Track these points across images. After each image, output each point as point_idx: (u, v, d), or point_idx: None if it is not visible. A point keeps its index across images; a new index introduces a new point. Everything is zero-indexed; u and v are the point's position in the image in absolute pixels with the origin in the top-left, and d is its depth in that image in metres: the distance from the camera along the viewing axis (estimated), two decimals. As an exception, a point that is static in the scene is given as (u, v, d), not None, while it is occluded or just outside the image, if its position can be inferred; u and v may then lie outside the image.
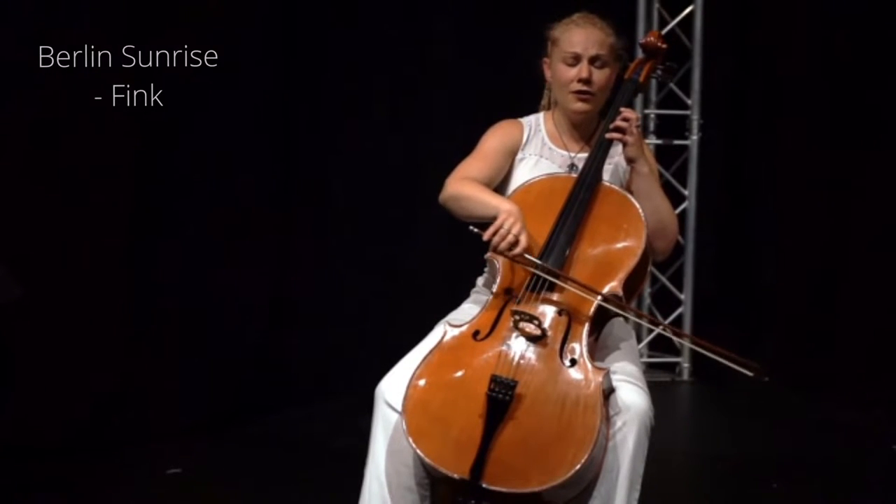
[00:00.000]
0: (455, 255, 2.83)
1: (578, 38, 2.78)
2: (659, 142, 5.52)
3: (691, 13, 5.40)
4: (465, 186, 2.75)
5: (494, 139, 2.88)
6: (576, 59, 2.78)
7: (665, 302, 5.55)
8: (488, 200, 2.68)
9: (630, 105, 2.79)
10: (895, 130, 5.21)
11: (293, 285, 4.91)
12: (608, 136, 2.73)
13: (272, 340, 4.78)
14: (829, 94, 5.40)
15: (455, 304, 2.88)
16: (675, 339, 4.21)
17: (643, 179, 2.72)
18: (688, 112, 5.46)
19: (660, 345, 5.53)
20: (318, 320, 4.94)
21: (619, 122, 2.71)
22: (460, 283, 2.97)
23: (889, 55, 5.19)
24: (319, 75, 4.88)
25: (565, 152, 2.87)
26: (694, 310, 5.48)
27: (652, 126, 5.53)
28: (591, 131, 2.88)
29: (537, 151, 2.88)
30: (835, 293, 5.38)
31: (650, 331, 5.40)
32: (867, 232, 5.30)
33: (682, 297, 5.49)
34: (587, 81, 2.77)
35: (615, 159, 2.83)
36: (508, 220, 2.57)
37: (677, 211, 5.42)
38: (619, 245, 2.63)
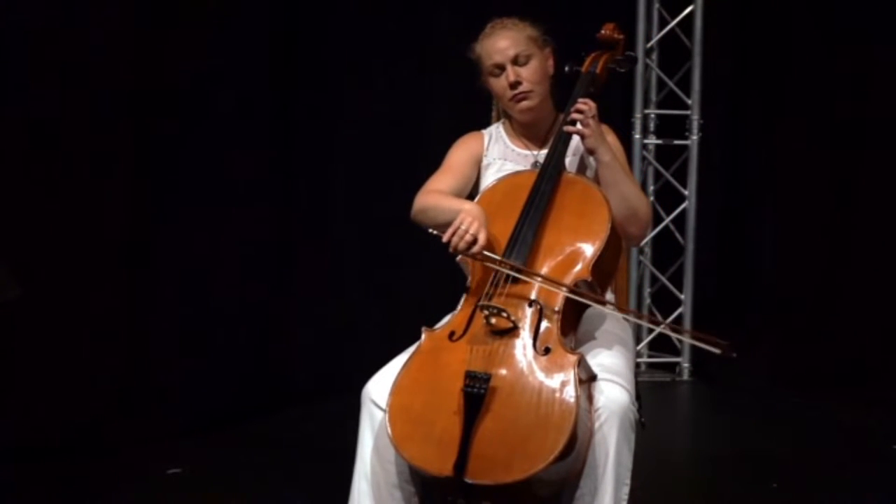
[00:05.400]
0: (455, 260, 2.83)
1: (494, 47, 2.84)
2: (659, 142, 5.52)
3: (691, 13, 5.40)
4: (428, 198, 2.82)
5: (457, 152, 2.96)
6: (500, 69, 2.83)
7: (665, 302, 5.55)
8: (450, 205, 2.74)
9: (589, 97, 2.80)
10: (895, 129, 5.21)
11: (293, 285, 4.91)
12: (565, 129, 2.75)
13: (272, 341, 4.78)
14: (829, 93, 5.40)
15: (454, 307, 2.87)
16: (639, 322, 4.22)
17: (606, 168, 2.73)
18: (688, 112, 5.47)
19: (660, 345, 5.52)
20: (318, 321, 4.94)
21: (573, 115, 2.73)
22: (460, 287, 2.96)
23: (889, 54, 5.19)
24: (320, 64, 4.89)
25: (528, 152, 2.93)
26: (694, 310, 5.48)
27: (652, 126, 5.53)
28: (549, 127, 2.91)
29: (501, 155, 2.93)
30: (835, 293, 5.38)
31: (650, 330, 5.40)
32: (867, 231, 5.30)
33: (682, 297, 5.49)
34: (516, 84, 2.82)
35: (574, 146, 2.84)
36: (466, 220, 2.59)
37: (677, 211, 5.45)
38: (584, 231, 2.64)
